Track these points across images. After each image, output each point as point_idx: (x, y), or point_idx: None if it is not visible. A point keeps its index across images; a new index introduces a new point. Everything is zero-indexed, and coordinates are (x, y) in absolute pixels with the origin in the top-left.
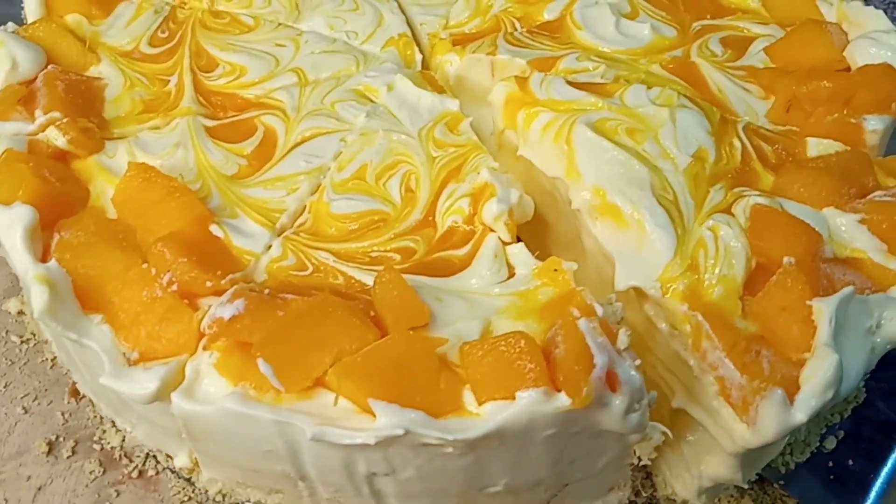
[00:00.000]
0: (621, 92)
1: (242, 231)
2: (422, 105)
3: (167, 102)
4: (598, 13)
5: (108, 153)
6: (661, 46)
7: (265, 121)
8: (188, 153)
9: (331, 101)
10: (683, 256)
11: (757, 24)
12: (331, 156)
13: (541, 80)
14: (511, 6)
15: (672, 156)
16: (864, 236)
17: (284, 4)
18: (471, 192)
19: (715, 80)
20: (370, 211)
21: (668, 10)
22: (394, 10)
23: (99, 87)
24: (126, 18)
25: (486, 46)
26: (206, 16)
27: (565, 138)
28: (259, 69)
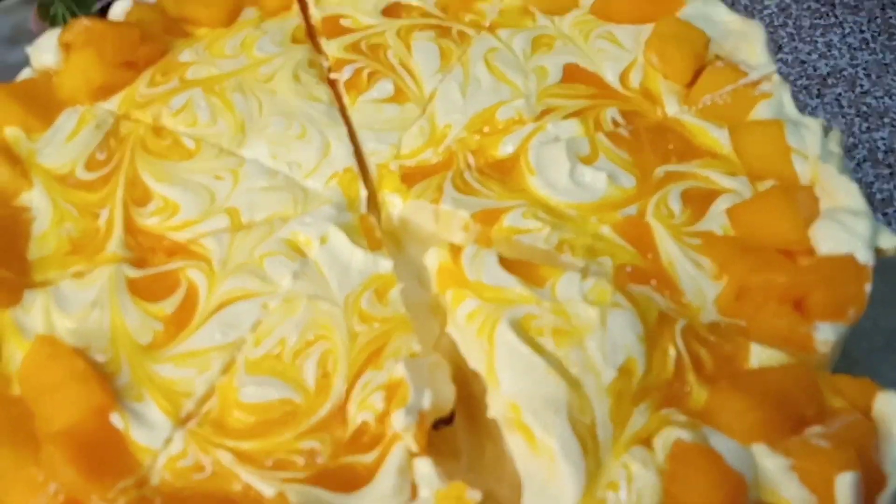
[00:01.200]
0: (553, 282)
1: (145, 420)
2: (353, 265)
3: (95, 241)
4: (553, 155)
5: (24, 307)
6: (616, 201)
7: (189, 275)
8: (104, 315)
9: (260, 253)
10: (591, 499)
11: (725, 174)
12: (249, 326)
13: (473, 256)
14: (468, 136)
15: (597, 369)
16: (794, 485)
17: (230, 124)
18: (386, 386)
19: (667, 249)
20: (280, 401)
21: (632, 150)
22: (342, 137)
23: (26, 222)
24: (66, 133)
25: (431, 190)
26: (149, 134)
27: (488, 334)
28: (192, 207)
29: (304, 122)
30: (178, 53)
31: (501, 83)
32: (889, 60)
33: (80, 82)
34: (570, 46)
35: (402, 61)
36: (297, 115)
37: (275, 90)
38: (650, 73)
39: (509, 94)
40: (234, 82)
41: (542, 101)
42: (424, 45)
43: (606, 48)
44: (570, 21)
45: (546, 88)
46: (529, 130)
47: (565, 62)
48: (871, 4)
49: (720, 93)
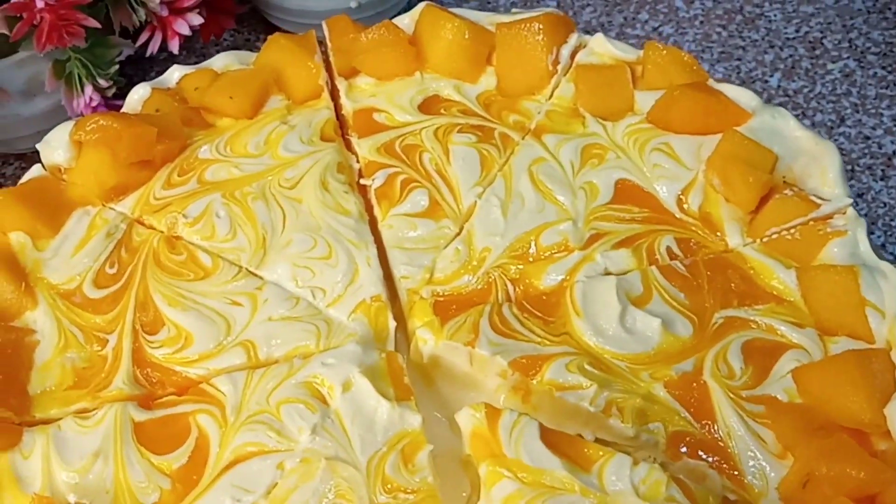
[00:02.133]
0: (601, 466)
1: None
2: (378, 420)
3: (100, 374)
4: (602, 294)
5: (23, 452)
6: (671, 353)
7: (200, 421)
8: (107, 469)
9: (276, 401)
10: None
11: (791, 325)
12: (263, 490)
13: (512, 425)
14: (508, 262)
15: None
16: None
17: (251, 240)
18: None
19: (725, 417)
20: None
21: (689, 289)
22: (371, 259)
23: (29, 347)
24: (75, 241)
25: (467, 329)
26: (162, 246)
27: None
28: (206, 338)
29: (330, 240)
30: (197, 149)
31: (547, 202)
32: None
33: (91, 183)
34: (623, 160)
35: (439, 168)
36: (322, 232)
37: (300, 199)
38: (711, 195)
39: (555, 214)
40: (256, 188)
41: (591, 225)
42: (464, 150)
43: (663, 163)
44: (623, 129)
45: (595, 209)
46: (576, 260)
47: (617, 178)
48: None
49: (788, 226)
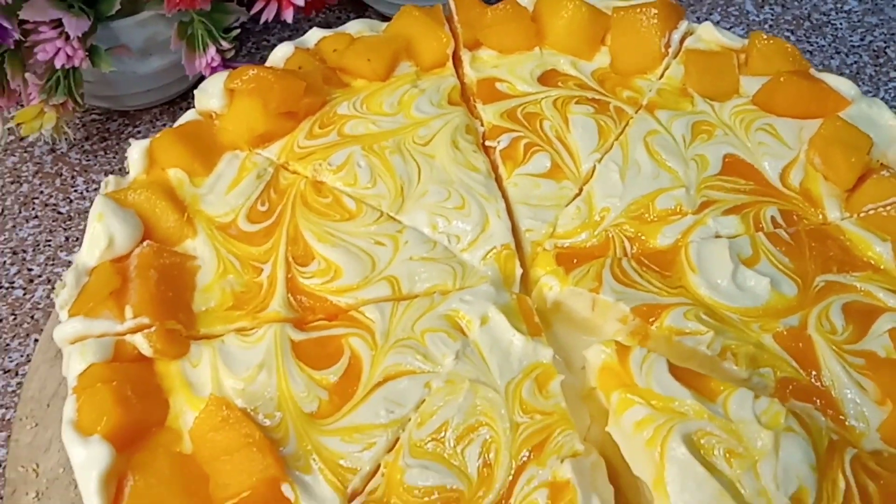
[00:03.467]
0: (726, 397)
1: (313, 493)
2: (513, 351)
3: (257, 299)
4: (715, 253)
5: (191, 360)
6: (778, 309)
7: (352, 344)
8: (271, 379)
9: (421, 329)
10: None
11: (887, 290)
12: (412, 404)
13: (642, 360)
14: (625, 222)
15: (769, 496)
16: None
17: (390, 188)
18: (550, 483)
19: (829, 367)
20: (444, 487)
21: (793, 256)
22: (500, 212)
23: (191, 271)
24: (227, 181)
25: (590, 278)
26: (309, 189)
27: (659, 446)
28: (354, 272)
29: (462, 192)
30: (335, 105)
31: (661, 170)
32: None
33: (242, 129)
34: (731, 137)
35: (559, 135)
36: (455, 185)
37: (433, 155)
38: (811, 173)
39: (669, 181)
40: (392, 143)
41: (702, 193)
42: (582, 119)
43: (767, 142)
44: (730, 109)
45: (705, 179)
46: (689, 223)
47: (725, 153)
48: None
49: (884, 203)
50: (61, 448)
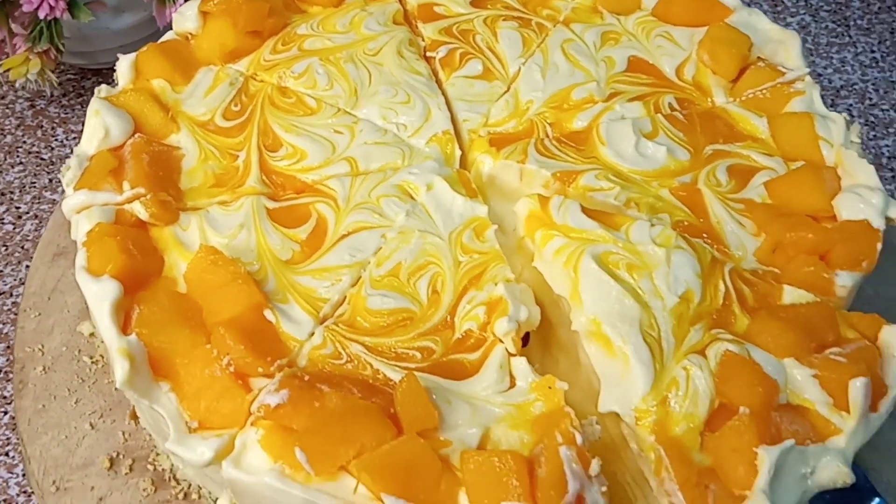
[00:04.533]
0: (627, 227)
1: (291, 317)
2: (455, 209)
3: (235, 178)
4: (621, 130)
5: (182, 225)
6: (673, 170)
7: (319, 208)
8: (251, 235)
9: (377, 195)
10: (657, 392)
11: (763, 154)
12: (371, 251)
13: (559, 204)
14: (546, 111)
15: (662, 295)
16: (815, 389)
17: (345, 89)
18: (487, 302)
19: (716, 211)
20: (400, 309)
21: (686, 130)
22: (441, 105)
23: (177, 158)
24: (204, 88)
25: (518, 153)
26: (275, 92)
27: (573, 265)
28: (317, 154)
29: (408, 91)
30: (295, 27)
31: (576, 69)
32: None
33: (215, 45)
34: (634, 42)
35: (490, 46)
36: (401, 85)
37: (381, 63)
38: (701, 69)
39: (583, 77)
40: (345, 55)
41: (611, 86)
42: (508, 33)
43: (665, 45)
44: (633, 20)
45: (613, 75)
46: (600, 109)
47: (630, 55)
48: (882, 28)
49: (761, 88)
50: (63, 331)
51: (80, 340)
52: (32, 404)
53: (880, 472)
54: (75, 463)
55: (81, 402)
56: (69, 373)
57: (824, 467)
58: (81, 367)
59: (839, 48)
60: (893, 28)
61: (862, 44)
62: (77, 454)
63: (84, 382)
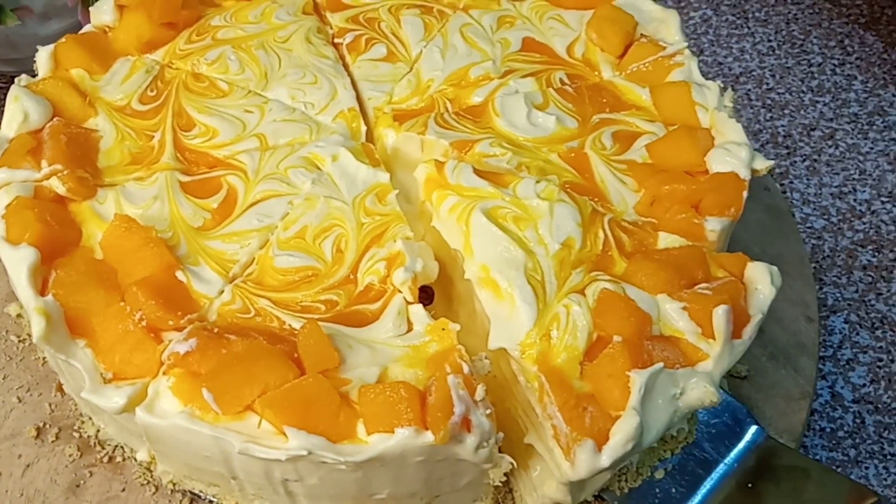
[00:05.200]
0: (515, 184)
1: (202, 277)
2: (359, 176)
3: (150, 156)
4: (514, 102)
5: (99, 200)
6: (562, 137)
7: (229, 180)
8: (164, 206)
9: (284, 166)
10: (541, 328)
11: (646, 121)
12: (279, 216)
13: (454, 167)
14: (446, 88)
15: (546, 243)
16: (685, 320)
17: (255, 73)
18: (387, 258)
19: (600, 171)
20: (305, 267)
21: (575, 102)
22: (346, 85)
23: (95, 139)
24: (121, 76)
25: (418, 126)
26: (189, 78)
27: (465, 220)
28: (228, 132)
29: (315, 73)
30: (209, 19)
31: (473, 49)
32: (790, 64)
33: (132, 37)
34: (528, 24)
35: (394, 31)
36: (309, 68)
37: (291, 49)
38: (590, 47)
39: (480, 57)
40: (257, 42)
41: (506, 65)
42: (411, 19)
43: (556, 27)
44: (528, 5)
45: (509, 55)
46: (495, 85)
47: (524, 36)
48: (778, 19)
49: (644, 62)
50: None
51: (7, 321)
52: None
53: (763, 410)
54: (2, 434)
55: (9, 378)
56: None
57: (692, 388)
58: (9, 345)
59: (738, 38)
60: (789, 19)
61: (760, 34)
62: (5, 426)
63: (11, 360)
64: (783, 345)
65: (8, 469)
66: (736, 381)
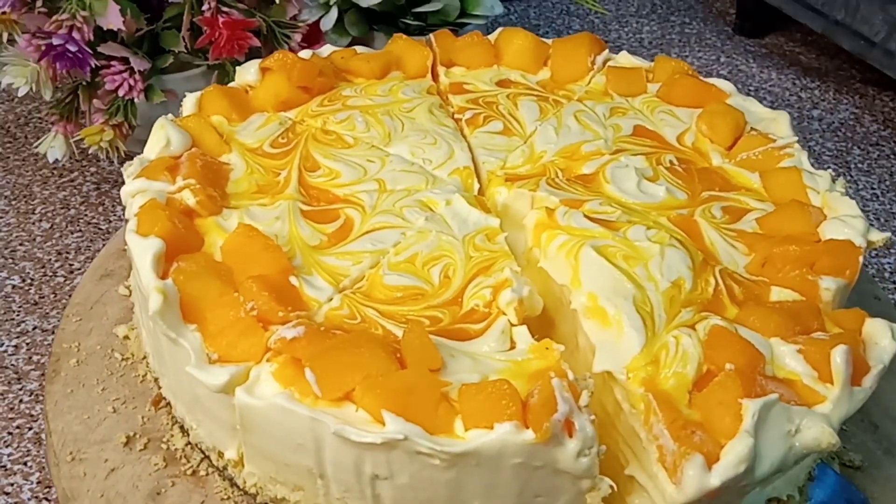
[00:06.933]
0: (626, 230)
1: (313, 285)
2: (470, 219)
3: (276, 188)
4: (625, 173)
5: (224, 217)
6: (672, 205)
7: (347, 212)
8: (284, 225)
9: (400, 206)
10: (649, 353)
11: (756, 200)
12: (391, 243)
13: (564, 213)
14: (557, 159)
15: (656, 280)
16: (800, 363)
17: (380, 133)
18: (494, 285)
19: (709, 235)
20: (413, 286)
21: (684, 179)
22: (464, 149)
23: (227, 170)
24: (257, 125)
25: (530, 185)
26: (318, 132)
27: (574, 255)
28: (350, 175)
29: (435, 136)
30: (341, 90)
31: (586, 130)
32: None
33: (270, 94)
34: (640, 115)
35: (511, 112)
36: (430, 133)
37: (414, 118)
38: (700, 137)
39: (592, 136)
40: (383, 110)
41: (617, 144)
42: (528, 103)
43: (667, 119)
44: (640, 100)
45: (620, 137)
46: (607, 159)
47: (635, 123)
48: (881, 171)
49: (754, 152)
50: (100, 334)
51: (114, 341)
52: (61, 389)
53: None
54: (93, 438)
55: (107, 391)
56: (100, 366)
57: (809, 427)
58: (112, 362)
59: None
60: (892, 171)
61: (863, 182)
62: (97, 431)
63: (112, 375)
64: None
65: (93, 471)
66: (850, 471)
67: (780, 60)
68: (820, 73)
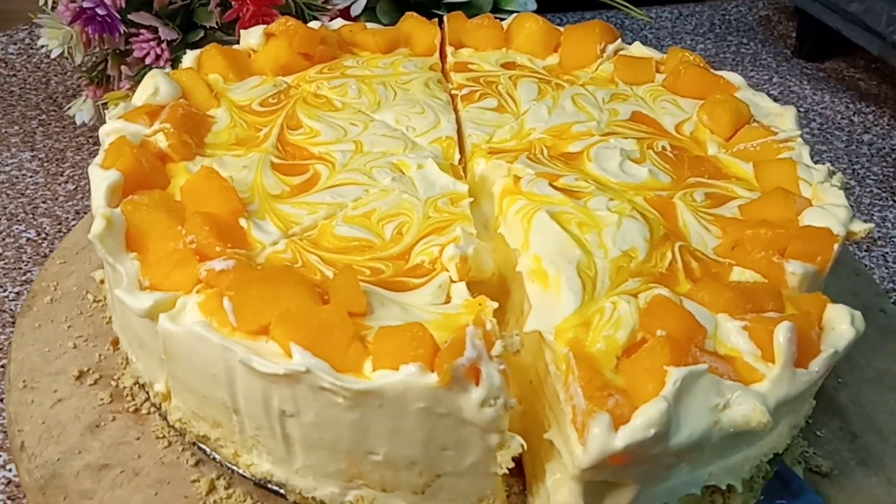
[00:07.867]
0: (587, 199)
1: (263, 229)
2: (438, 183)
3: (254, 141)
4: (609, 153)
5: (195, 163)
6: (652, 186)
7: (316, 167)
8: (250, 174)
9: (371, 166)
10: (581, 315)
11: (745, 189)
12: (351, 199)
13: (530, 181)
14: (546, 137)
15: (606, 247)
16: (743, 339)
17: (370, 99)
18: (443, 243)
19: (684, 217)
20: (363, 238)
21: (673, 165)
22: (450, 120)
23: (209, 122)
24: (251, 85)
25: (508, 158)
26: (309, 96)
27: (528, 220)
28: (329, 135)
29: (424, 106)
30: (343, 61)
31: (581, 112)
32: None
33: (270, 59)
34: (641, 102)
35: (508, 92)
36: (420, 103)
37: (408, 89)
38: (700, 127)
39: (585, 118)
40: (379, 80)
41: (610, 128)
42: (528, 84)
43: (668, 108)
44: (644, 89)
45: (615, 121)
46: (595, 140)
47: (634, 109)
48: None
49: (752, 143)
50: (79, 276)
51: (90, 284)
52: (30, 322)
53: None
54: (48, 370)
55: (73, 328)
56: (71, 306)
57: (740, 403)
58: (84, 303)
59: (881, 208)
60: None
61: None
62: (53, 364)
63: (82, 314)
64: (878, 454)
65: (41, 399)
66: (816, 478)
67: (836, 84)
68: (878, 100)
